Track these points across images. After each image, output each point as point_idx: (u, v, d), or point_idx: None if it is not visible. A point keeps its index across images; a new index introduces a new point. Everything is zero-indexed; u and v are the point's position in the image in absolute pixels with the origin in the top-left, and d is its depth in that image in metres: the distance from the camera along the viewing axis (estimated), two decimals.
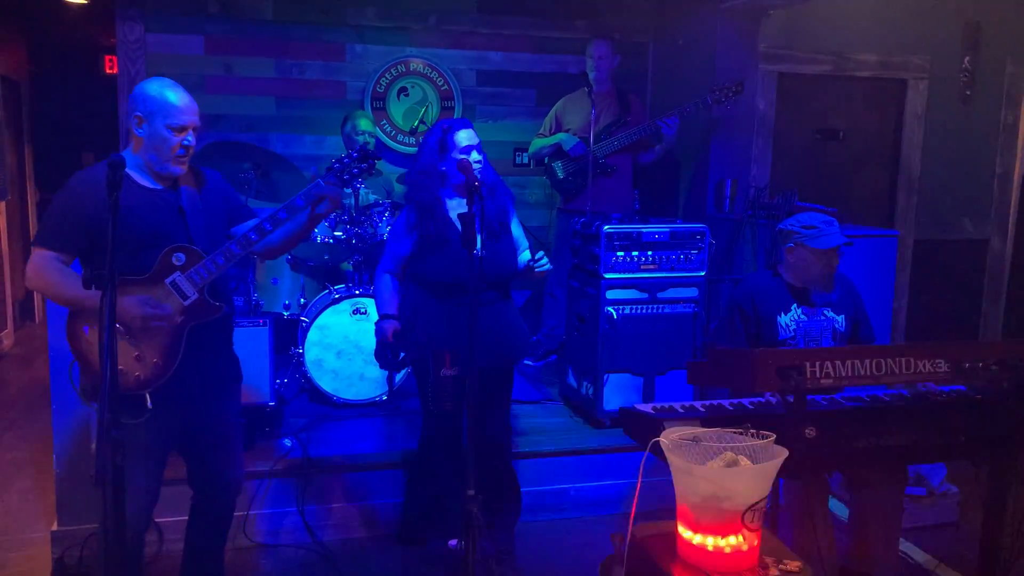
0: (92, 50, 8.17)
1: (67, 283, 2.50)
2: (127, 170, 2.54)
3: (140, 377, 2.53)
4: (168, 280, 2.55)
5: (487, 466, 3.36)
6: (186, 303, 2.56)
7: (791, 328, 3.27)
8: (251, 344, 3.80)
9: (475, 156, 3.18)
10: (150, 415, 2.51)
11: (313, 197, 2.66)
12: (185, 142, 2.56)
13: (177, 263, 2.55)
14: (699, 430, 2.32)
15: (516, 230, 3.37)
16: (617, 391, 4.08)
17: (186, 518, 2.95)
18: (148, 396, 2.53)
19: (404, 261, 3.28)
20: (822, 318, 3.30)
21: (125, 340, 2.51)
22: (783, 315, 3.28)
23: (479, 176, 3.14)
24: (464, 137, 3.19)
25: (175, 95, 2.56)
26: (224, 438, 2.83)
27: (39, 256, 2.54)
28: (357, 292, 4.36)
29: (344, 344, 4.32)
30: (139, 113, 2.55)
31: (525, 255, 3.35)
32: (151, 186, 2.60)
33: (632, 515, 2.36)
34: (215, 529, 2.94)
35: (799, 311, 3.29)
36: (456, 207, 3.22)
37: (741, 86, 4.78)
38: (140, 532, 2.71)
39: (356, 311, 4.34)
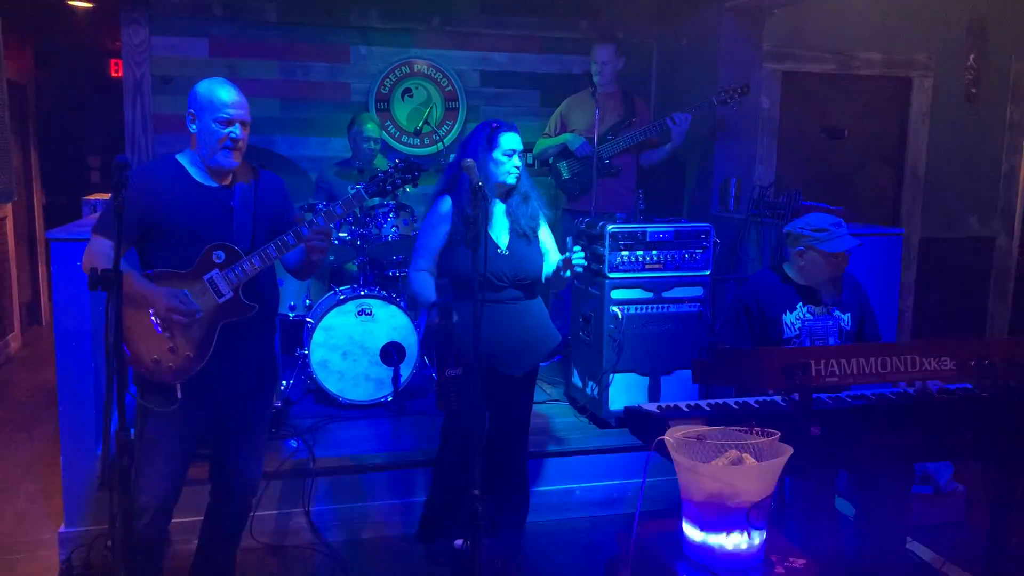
0: (97, 53, 8.20)
1: None
2: (187, 167, 2.68)
3: (172, 368, 2.59)
4: (206, 277, 2.61)
5: (500, 465, 3.38)
6: (220, 300, 2.63)
7: (796, 327, 3.27)
8: None
9: (516, 161, 3.22)
10: (179, 405, 2.58)
11: (304, 238, 2.69)
12: (232, 135, 2.64)
13: (217, 260, 2.62)
14: (704, 428, 2.32)
15: (546, 238, 3.39)
16: (623, 391, 4.08)
17: (195, 519, 2.97)
18: (179, 387, 2.59)
19: (438, 255, 3.27)
20: (828, 317, 3.30)
21: (160, 331, 2.58)
22: (788, 314, 3.27)
23: (515, 181, 3.23)
24: (509, 140, 3.22)
25: (223, 91, 2.66)
26: (249, 436, 2.86)
27: (95, 242, 2.62)
28: (362, 293, 4.37)
29: (349, 345, 4.33)
30: (192, 110, 2.66)
31: (549, 265, 3.38)
32: (205, 183, 2.68)
33: (637, 513, 2.36)
34: (230, 528, 2.95)
35: (804, 310, 3.29)
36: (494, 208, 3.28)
37: (747, 88, 4.78)
38: (161, 523, 2.72)
39: (361, 312, 4.35)
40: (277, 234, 2.76)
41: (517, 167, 3.22)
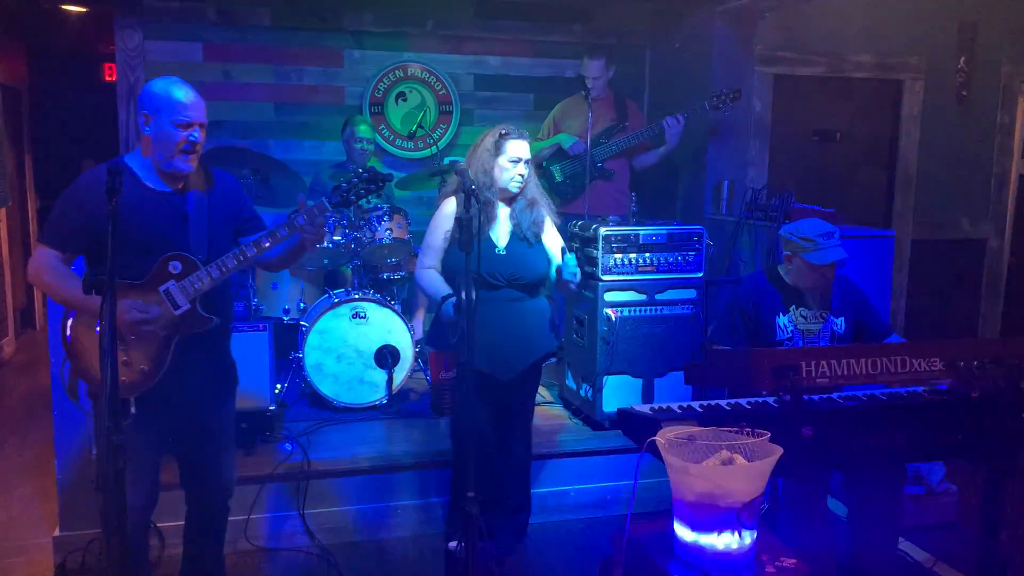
0: (92, 58, 8.19)
1: (63, 283, 2.51)
2: (136, 171, 2.57)
3: (125, 382, 2.50)
4: (162, 288, 2.53)
5: (500, 468, 3.40)
6: (177, 312, 2.55)
7: (788, 329, 3.29)
8: (251, 349, 3.82)
9: (521, 169, 3.25)
10: (134, 419, 2.48)
11: (296, 228, 2.65)
12: (191, 138, 2.54)
13: (173, 271, 2.54)
14: (695, 429, 2.34)
15: (550, 241, 3.41)
16: (616, 393, 4.09)
17: (181, 522, 2.96)
18: (132, 401, 2.50)
19: (441, 253, 3.31)
20: (820, 320, 3.32)
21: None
22: (781, 316, 3.29)
23: (518, 189, 3.27)
24: (516, 147, 3.25)
25: (181, 92, 2.55)
26: (215, 441, 2.81)
27: (40, 253, 2.55)
28: (356, 296, 4.38)
29: (344, 348, 4.34)
30: (146, 111, 2.55)
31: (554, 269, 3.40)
32: (158, 188, 2.59)
33: (629, 514, 2.38)
34: (211, 532, 2.94)
35: (797, 312, 3.31)
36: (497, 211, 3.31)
37: (739, 93, 4.81)
38: (140, 533, 2.71)
39: (355, 315, 4.36)
40: (237, 235, 2.72)
41: (522, 175, 3.25)
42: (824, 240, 3.20)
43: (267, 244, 2.64)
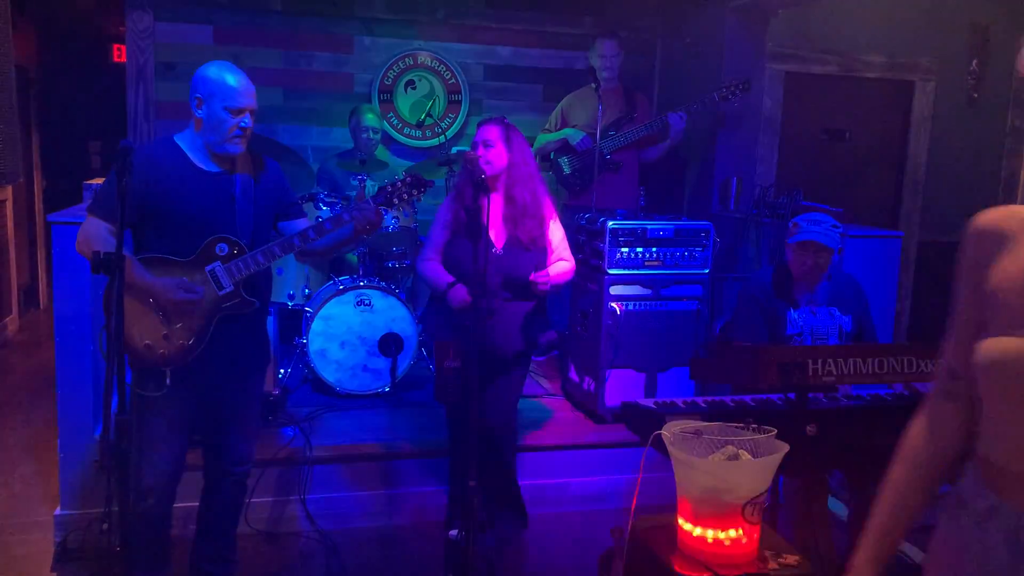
0: (101, 39, 8.18)
1: None
2: (187, 150, 2.64)
3: (164, 355, 2.59)
4: (208, 268, 2.61)
5: (487, 459, 3.39)
6: (220, 293, 2.62)
7: (799, 324, 3.29)
8: None
9: (484, 151, 3.24)
10: (168, 390, 2.58)
11: (359, 218, 2.71)
12: (243, 124, 2.61)
13: (220, 253, 2.62)
14: (701, 424, 2.33)
15: (552, 237, 3.42)
16: (619, 387, 4.09)
17: (193, 504, 2.98)
18: (168, 373, 2.59)
19: (443, 248, 3.34)
20: (829, 317, 3.32)
21: (157, 317, 2.58)
22: (792, 311, 3.29)
23: (484, 172, 3.19)
24: (480, 131, 3.26)
25: (233, 78, 2.61)
26: (242, 417, 2.87)
27: (90, 223, 2.60)
28: (362, 283, 4.38)
29: (348, 335, 4.34)
30: (199, 95, 2.61)
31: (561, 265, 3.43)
32: (207, 169, 2.66)
33: (633, 508, 2.38)
34: (227, 508, 2.96)
35: (806, 308, 3.31)
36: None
37: (748, 83, 4.79)
38: (165, 504, 2.76)
39: (360, 302, 4.36)
40: (278, 219, 2.78)
41: (488, 161, 3.24)
42: (807, 225, 3.21)
43: (313, 236, 2.71)
